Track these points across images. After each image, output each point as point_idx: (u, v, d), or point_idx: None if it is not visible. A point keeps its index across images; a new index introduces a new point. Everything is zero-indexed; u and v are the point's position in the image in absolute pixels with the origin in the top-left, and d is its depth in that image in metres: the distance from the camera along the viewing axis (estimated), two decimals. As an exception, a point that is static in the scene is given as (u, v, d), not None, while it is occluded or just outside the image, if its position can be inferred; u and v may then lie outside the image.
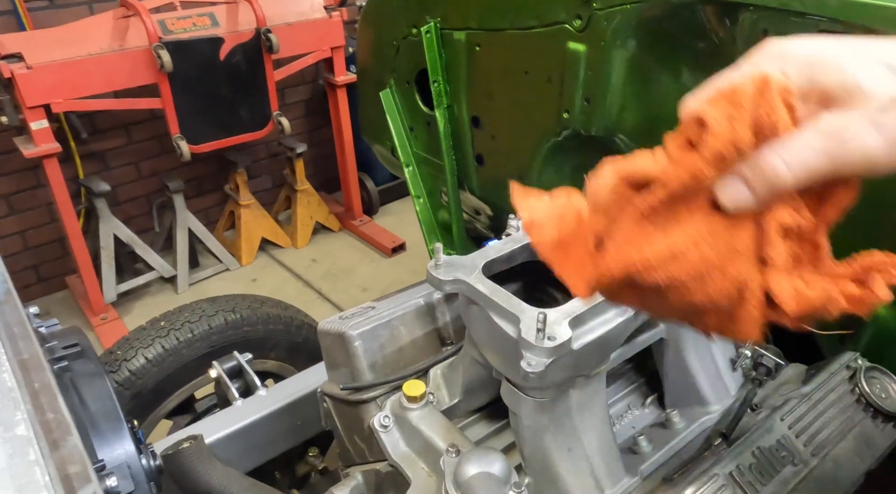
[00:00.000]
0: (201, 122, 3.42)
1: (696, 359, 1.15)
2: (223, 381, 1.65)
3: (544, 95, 1.59)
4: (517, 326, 0.86)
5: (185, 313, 2.01)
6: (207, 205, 4.40)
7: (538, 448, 0.95)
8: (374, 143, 2.42)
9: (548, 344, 0.82)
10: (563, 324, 0.85)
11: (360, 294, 3.92)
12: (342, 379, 1.22)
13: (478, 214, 2.19)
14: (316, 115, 4.64)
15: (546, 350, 0.82)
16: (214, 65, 3.34)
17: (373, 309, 1.25)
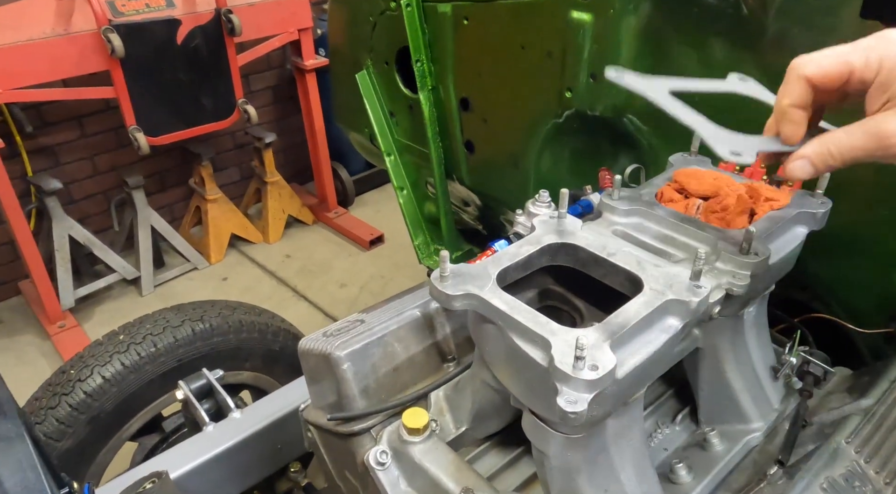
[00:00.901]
0: (160, 112, 3.18)
1: (736, 370, 1.01)
2: (191, 403, 1.46)
3: (543, 72, 1.42)
4: (547, 351, 0.70)
5: (146, 324, 1.81)
6: (171, 201, 4.15)
7: (570, 491, 0.80)
8: (350, 130, 2.23)
9: (589, 376, 0.66)
10: (604, 348, 0.69)
11: (337, 291, 3.74)
12: (329, 406, 1.05)
13: (466, 205, 2.02)
14: (284, 102, 4.40)
15: (587, 383, 0.66)
16: (171, 49, 3.09)
17: (361, 323, 1.08)
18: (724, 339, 0.99)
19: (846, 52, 0.61)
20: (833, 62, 0.61)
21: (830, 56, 0.61)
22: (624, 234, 0.96)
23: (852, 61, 0.61)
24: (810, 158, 0.66)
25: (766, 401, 1.02)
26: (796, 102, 0.65)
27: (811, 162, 0.66)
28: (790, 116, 0.66)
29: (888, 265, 1.13)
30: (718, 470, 0.94)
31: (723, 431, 1.01)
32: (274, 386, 2.02)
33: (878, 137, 0.61)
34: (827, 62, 0.61)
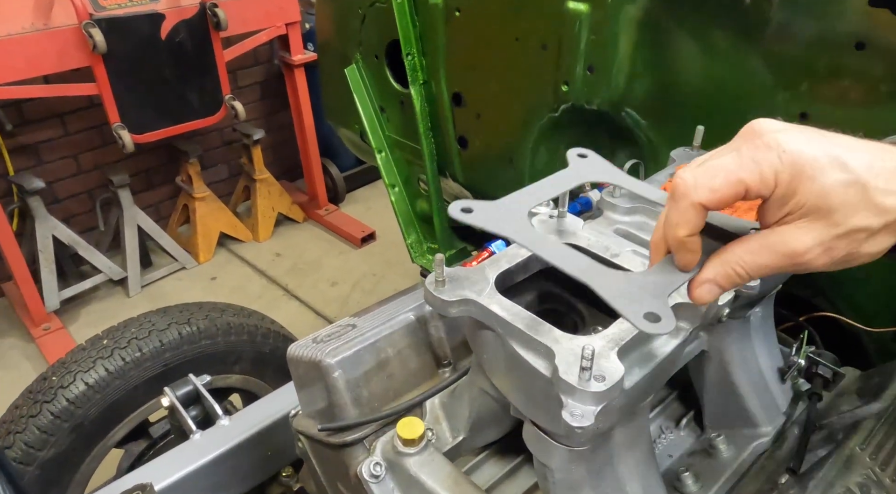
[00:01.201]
0: (144, 108, 3.10)
1: (743, 373, 0.97)
2: (177, 411, 1.41)
3: (539, 65, 1.37)
4: (551, 361, 0.66)
5: (131, 328, 1.75)
6: (158, 199, 4.07)
7: (575, 505, 0.76)
8: (339, 127, 2.17)
9: (596, 387, 0.62)
10: (611, 357, 0.65)
11: (329, 289, 3.69)
12: (320, 415, 1.01)
13: (459, 202, 1.98)
14: (273, 98, 4.33)
15: (595, 395, 0.62)
16: (155, 44, 3.01)
17: (353, 328, 1.03)
18: (731, 341, 0.95)
19: (734, 171, 0.55)
20: (725, 184, 0.56)
21: (719, 176, 0.55)
22: (626, 233, 0.92)
23: (745, 180, 0.55)
24: (716, 282, 0.61)
25: (773, 405, 0.99)
26: (694, 232, 0.59)
27: (718, 285, 0.61)
28: (689, 246, 0.60)
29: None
30: (727, 479, 0.90)
31: (729, 436, 0.98)
32: (264, 389, 1.97)
33: (789, 256, 0.57)
34: (719, 185, 0.56)
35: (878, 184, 0.53)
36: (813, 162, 0.53)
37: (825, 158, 0.53)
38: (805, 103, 1.13)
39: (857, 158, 0.54)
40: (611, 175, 0.78)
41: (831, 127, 1.05)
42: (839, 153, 0.54)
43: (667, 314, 0.57)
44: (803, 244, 0.56)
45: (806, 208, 0.55)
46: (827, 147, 0.54)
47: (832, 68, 1.09)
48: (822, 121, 1.12)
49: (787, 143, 0.54)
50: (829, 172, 0.53)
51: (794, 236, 0.56)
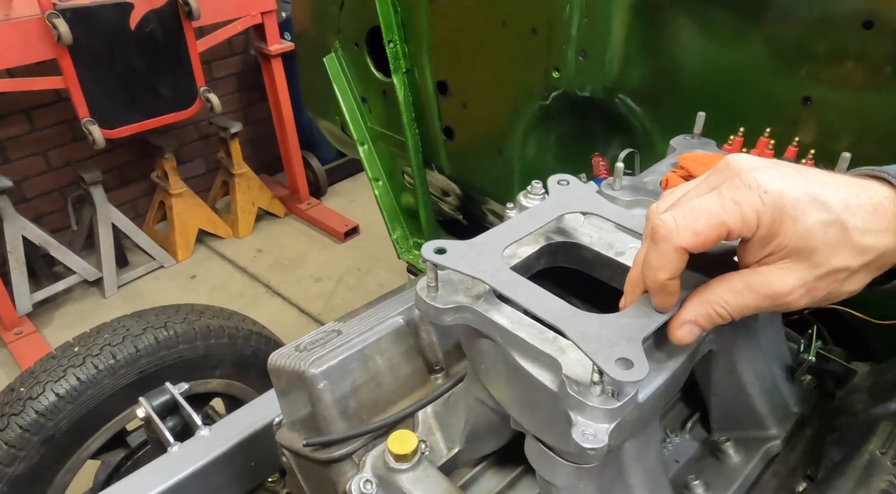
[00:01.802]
0: (115, 102, 2.99)
1: (752, 372, 0.92)
2: (153, 422, 1.34)
3: (528, 50, 1.31)
4: (557, 373, 0.60)
5: (104, 334, 1.67)
6: (133, 196, 3.95)
7: (582, 524, 0.70)
8: (319, 118, 2.09)
9: (609, 404, 0.56)
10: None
11: (312, 285, 3.60)
12: (305, 427, 0.94)
13: (446, 195, 1.91)
14: (250, 89, 4.21)
15: (607, 412, 0.56)
16: (124, 35, 2.89)
17: (338, 334, 0.97)
18: (739, 339, 0.90)
19: (717, 213, 0.54)
20: (708, 227, 0.54)
21: (702, 219, 0.54)
22: (629, 229, 0.86)
23: (728, 222, 0.54)
24: (697, 322, 0.59)
25: (783, 405, 0.94)
26: (674, 275, 0.57)
27: (699, 325, 0.60)
28: (669, 288, 0.58)
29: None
30: (738, 486, 0.85)
31: (738, 439, 0.93)
32: (248, 393, 1.90)
33: (772, 297, 0.56)
34: (702, 228, 0.54)
35: (857, 223, 0.53)
36: (794, 203, 0.53)
37: (805, 198, 0.53)
38: (807, 87, 1.07)
39: (835, 196, 0.54)
40: (591, 204, 0.77)
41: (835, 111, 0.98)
42: (818, 192, 0.53)
43: (639, 359, 0.54)
44: (787, 286, 0.55)
45: (788, 249, 0.54)
46: (806, 186, 0.54)
47: (836, 49, 1.04)
48: (825, 104, 1.07)
49: (767, 182, 0.53)
50: (811, 213, 0.53)
51: (777, 278, 0.56)
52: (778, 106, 1.09)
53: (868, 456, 0.78)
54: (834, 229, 0.53)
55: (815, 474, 0.78)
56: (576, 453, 0.57)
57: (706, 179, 0.59)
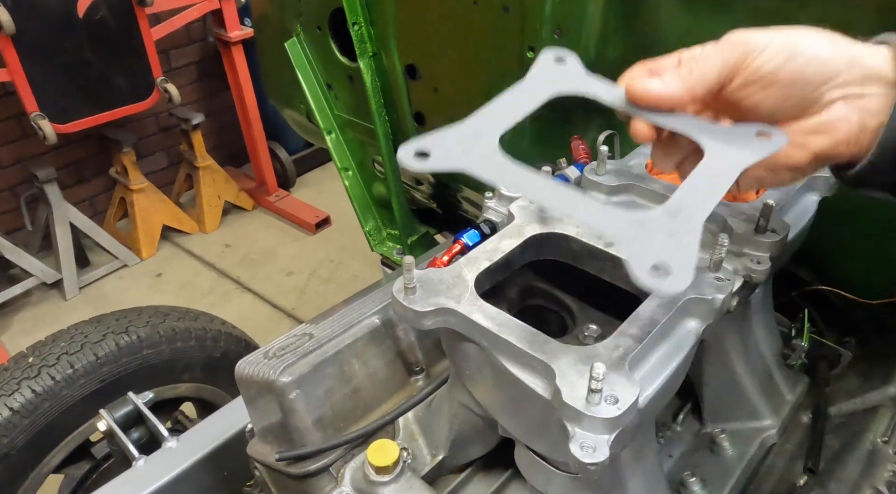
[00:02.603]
0: (65, 95, 2.83)
1: (744, 361, 0.89)
2: (116, 435, 1.26)
3: (501, 29, 1.25)
4: (550, 380, 0.55)
5: (60, 342, 1.57)
6: (91, 193, 3.79)
7: (579, 535, 0.66)
8: (283, 107, 2.00)
9: (609, 412, 0.51)
10: (622, 372, 0.54)
11: (284, 279, 3.51)
12: (277, 441, 0.88)
13: (419, 184, 1.84)
14: (211, 78, 4.06)
15: (607, 422, 0.51)
16: (72, 23, 2.74)
17: (310, 338, 0.90)
18: (731, 328, 0.87)
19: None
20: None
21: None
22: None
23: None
24: (663, 77, 0.57)
25: (777, 393, 0.91)
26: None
27: (663, 80, 0.57)
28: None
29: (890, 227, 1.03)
30: (736, 480, 0.82)
31: (733, 431, 0.90)
32: (219, 396, 1.82)
33: (732, 41, 0.56)
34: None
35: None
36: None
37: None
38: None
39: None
40: (586, 85, 0.64)
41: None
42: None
43: (682, 264, 0.43)
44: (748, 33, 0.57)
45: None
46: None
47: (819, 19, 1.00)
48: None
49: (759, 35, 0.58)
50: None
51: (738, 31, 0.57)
52: (761, 82, 1.05)
53: (870, 446, 0.75)
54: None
55: (815, 466, 0.75)
56: (574, 467, 0.52)
57: None
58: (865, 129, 0.56)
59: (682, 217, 0.48)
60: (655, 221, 0.47)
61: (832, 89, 0.55)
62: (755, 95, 0.57)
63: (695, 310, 0.63)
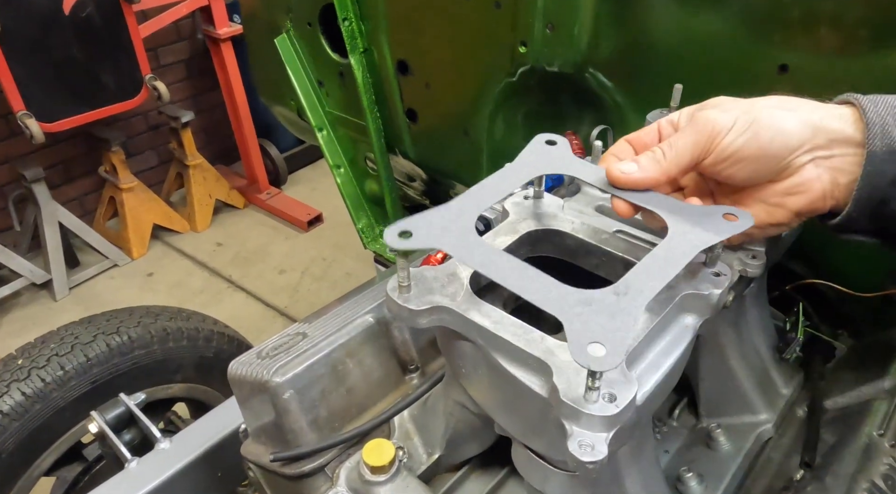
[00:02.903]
0: (53, 94, 2.80)
1: (740, 356, 0.89)
2: (108, 437, 1.24)
3: (492, 24, 1.24)
4: (548, 378, 0.54)
5: (50, 344, 1.56)
6: (80, 192, 3.75)
7: (577, 533, 0.65)
8: (274, 104, 1.98)
9: (607, 410, 0.50)
10: (619, 369, 0.54)
11: (277, 278, 3.49)
12: (271, 439, 0.87)
13: (411, 180, 1.83)
14: (200, 76, 4.02)
15: (605, 419, 0.51)
16: (58, 21, 2.71)
17: (303, 337, 0.89)
18: (727, 322, 0.87)
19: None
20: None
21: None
22: (610, 211, 0.80)
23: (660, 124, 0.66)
24: (639, 161, 0.63)
25: (773, 387, 0.91)
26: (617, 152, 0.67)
27: (638, 162, 0.63)
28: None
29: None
30: (732, 476, 0.82)
31: (728, 425, 0.90)
32: (212, 396, 1.81)
33: (699, 125, 0.61)
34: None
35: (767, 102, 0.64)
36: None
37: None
38: (783, 55, 1.03)
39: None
40: (569, 165, 0.69)
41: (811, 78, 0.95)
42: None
43: (615, 345, 0.48)
44: (712, 114, 0.63)
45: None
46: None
47: (811, 14, 1.00)
48: (801, 72, 1.03)
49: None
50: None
51: (704, 112, 0.64)
52: (754, 75, 1.05)
53: (866, 439, 0.75)
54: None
55: (811, 460, 0.75)
56: (572, 465, 0.52)
57: None
58: (838, 185, 0.61)
59: (628, 297, 0.53)
60: (601, 301, 0.52)
61: (800, 156, 0.60)
62: (728, 170, 0.62)
63: (691, 306, 0.62)
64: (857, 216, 0.61)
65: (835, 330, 1.14)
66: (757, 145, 0.59)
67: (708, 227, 0.59)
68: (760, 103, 0.61)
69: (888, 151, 0.57)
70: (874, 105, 0.59)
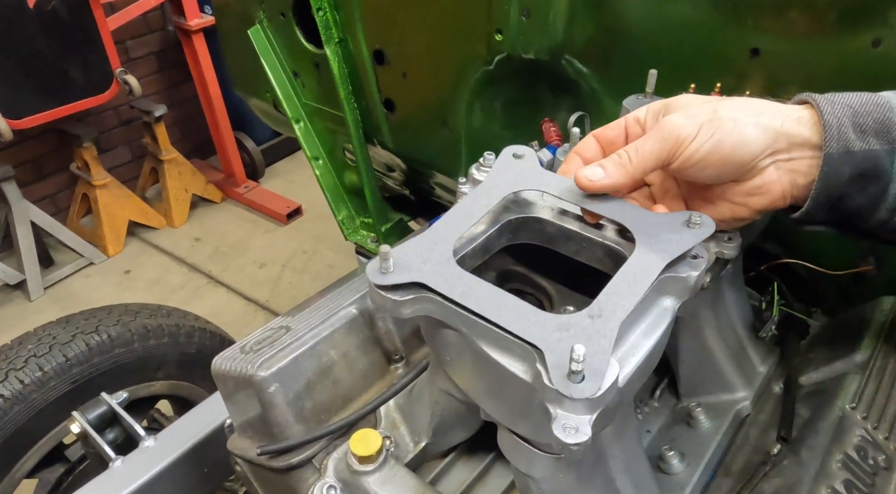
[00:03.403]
0: (19, 90, 2.74)
1: (718, 336, 0.91)
2: (90, 437, 1.23)
3: (468, 12, 1.24)
4: (531, 363, 0.55)
5: (27, 345, 1.54)
6: (52, 190, 3.67)
7: (563, 514, 0.67)
8: (249, 96, 1.96)
9: (590, 392, 0.51)
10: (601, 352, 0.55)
11: (257, 272, 3.47)
12: (258, 435, 0.87)
13: (391, 170, 1.83)
14: (172, 69, 3.95)
15: (588, 402, 0.52)
16: (23, 15, 2.64)
17: (287, 331, 0.89)
18: (705, 303, 0.88)
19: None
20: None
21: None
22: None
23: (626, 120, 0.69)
24: (605, 167, 0.65)
25: (750, 365, 0.93)
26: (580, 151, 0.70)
27: (604, 167, 0.65)
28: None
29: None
30: (712, 452, 0.84)
31: (708, 404, 0.92)
32: (196, 392, 1.80)
33: (665, 131, 0.63)
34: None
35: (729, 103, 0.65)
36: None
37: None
38: (755, 39, 1.05)
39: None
40: (538, 181, 0.72)
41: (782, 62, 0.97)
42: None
43: (595, 370, 0.51)
44: (676, 119, 0.64)
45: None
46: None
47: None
48: (772, 56, 1.05)
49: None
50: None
51: (669, 118, 0.65)
52: (727, 60, 1.06)
53: (839, 412, 0.77)
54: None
55: (788, 434, 0.77)
56: (557, 448, 0.53)
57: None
58: (797, 185, 0.64)
59: (602, 320, 0.55)
60: (577, 325, 0.55)
61: (762, 160, 0.63)
62: (694, 174, 0.65)
63: (670, 288, 0.64)
64: (815, 212, 0.64)
65: (809, 308, 1.17)
66: (720, 154, 0.62)
67: (672, 238, 0.62)
68: (724, 109, 0.63)
69: (844, 151, 0.60)
70: (831, 106, 0.62)
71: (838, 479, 0.68)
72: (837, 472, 0.69)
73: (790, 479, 0.70)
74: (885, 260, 1.02)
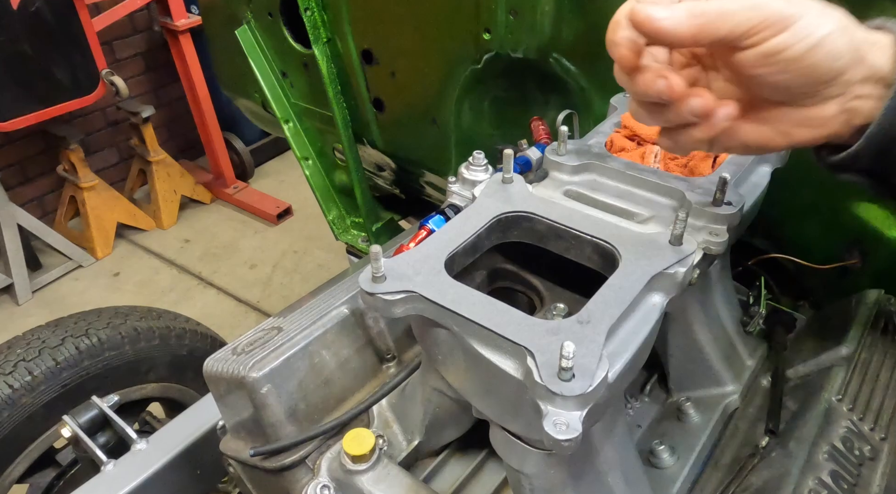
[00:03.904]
0: (5, 92, 2.71)
1: (707, 331, 0.92)
2: (82, 441, 1.23)
3: (456, 11, 1.24)
4: (522, 361, 0.56)
5: (16, 349, 1.52)
6: (38, 193, 3.64)
7: (555, 510, 0.67)
8: (238, 97, 1.95)
9: (579, 388, 0.52)
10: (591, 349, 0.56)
11: (248, 272, 3.45)
12: (251, 436, 0.87)
13: (381, 170, 1.83)
14: (159, 69, 3.92)
15: (579, 399, 0.52)
16: (7, 16, 2.60)
17: (279, 332, 0.89)
18: (693, 299, 0.89)
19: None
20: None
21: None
22: (577, 194, 0.82)
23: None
24: (673, 11, 0.51)
25: (738, 359, 0.94)
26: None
27: (672, 14, 0.51)
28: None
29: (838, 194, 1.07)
30: (702, 446, 0.85)
31: (697, 398, 0.93)
32: (187, 394, 1.79)
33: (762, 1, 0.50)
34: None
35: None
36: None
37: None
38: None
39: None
40: (529, 204, 0.74)
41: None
42: None
43: (585, 369, 0.53)
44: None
45: None
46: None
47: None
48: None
49: None
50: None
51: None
52: (713, 58, 1.07)
53: (825, 404, 0.78)
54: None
55: (775, 427, 0.78)
56: (548, 444, 0.53)
57: None
58: (850, 125, 0.56)
59: (591, 325, 0.57)
60: (567, 330, 0.57)
61: (833, 87, 0.54)
62: (766, 76, 0.53)
63: (659, 285, 0.64)
64: (863, 155, 0.56)
65: (795, 302, 1.18)
66: (812, 61, 0.51)
67: (655, 255, 0.65)
68: (822, 13, 0.51)
69: None
70: None
71: (825, 470, 0.69)
72: (824, 463, 0.70)
73: (778, 471, 0.71)
74: (870, 254, 1.04)
